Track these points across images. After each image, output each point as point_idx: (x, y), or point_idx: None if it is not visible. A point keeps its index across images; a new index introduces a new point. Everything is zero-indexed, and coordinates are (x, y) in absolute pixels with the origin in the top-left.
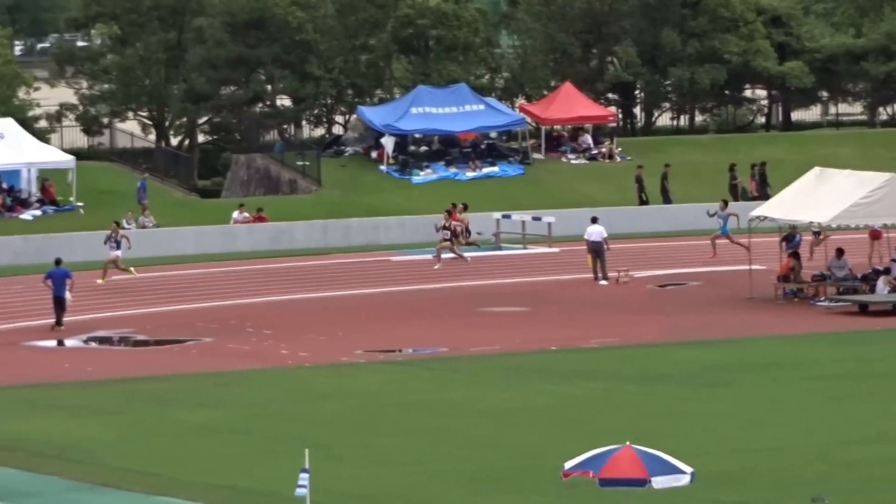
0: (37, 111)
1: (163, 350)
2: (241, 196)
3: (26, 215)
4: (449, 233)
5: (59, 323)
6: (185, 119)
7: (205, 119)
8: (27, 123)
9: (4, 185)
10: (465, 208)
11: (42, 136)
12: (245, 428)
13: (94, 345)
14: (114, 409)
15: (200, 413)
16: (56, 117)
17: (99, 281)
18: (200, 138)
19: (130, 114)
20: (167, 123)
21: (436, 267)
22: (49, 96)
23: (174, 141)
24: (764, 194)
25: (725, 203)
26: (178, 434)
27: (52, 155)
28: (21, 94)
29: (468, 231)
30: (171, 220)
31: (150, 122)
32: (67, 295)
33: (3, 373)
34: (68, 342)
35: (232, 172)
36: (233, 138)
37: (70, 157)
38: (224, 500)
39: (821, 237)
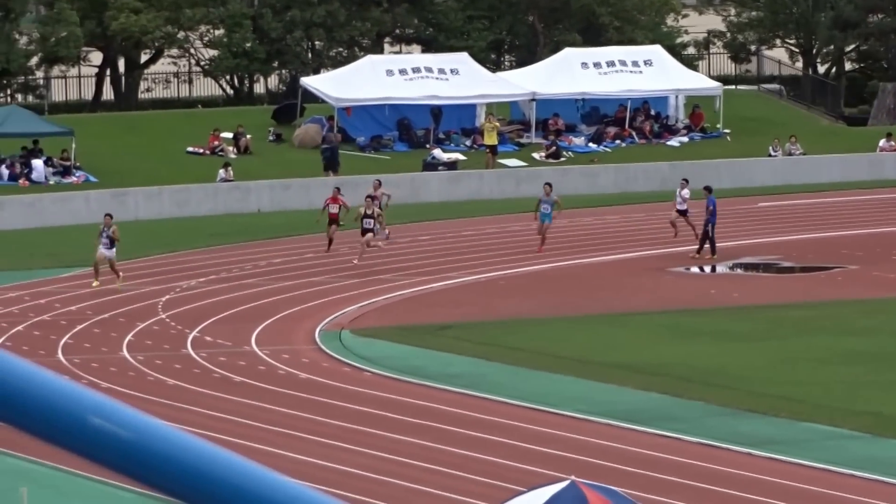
0: (685, 38)
1: (808, 277)
2: (889, 125)
3: (673, 142)
4: (373, 221)
5: (699, 250)
6: (832, 47)
7: (852, 46)
8: (675, 51)
9: (652, 112)
10: (381, 184)
11: (690, 62)
12: (890, 355)
13: (739, 271)
14: (759, 336)
15: (845, 340)
16: (704, 44)
17: (95, 284)
18: (847, 66)
19: (778, 41)
20: (814, 51)
21: (355, 261)
22: (697, 23)
23: (821, 69)
24: None
25: (550, 186)
26: (822, 360)
27: (699, 82)
28: (669, 21)
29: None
30: (817, 147)
31: (796, 50)
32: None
33: (650, 298)
34: (715, 268)
35: (879, 101)
36: (880, 66)
37: (717, 84)
38: (866, 427)
39: None
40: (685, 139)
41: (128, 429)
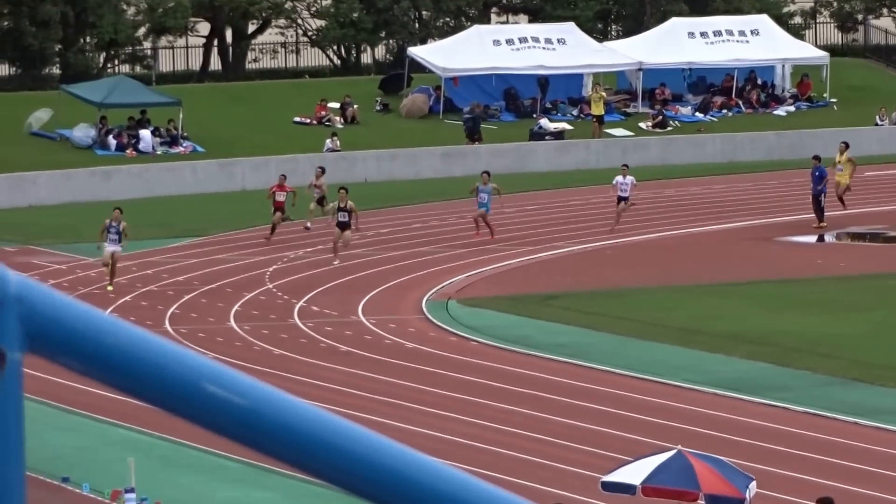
0: (791, 7)
1: None
2: None
3: (780, 111)
4: (348, 215)
5: (820, 220)
6: None
7: None
8: (782, 20)
9: (759, 81)
10: (324, 172)
11: (796, 32)
12: None
13: (847, 240)
14: (866, 305)
15: None
16: (811, 14)
17: (109, 288)
18: None
19: (885, 10)
20: None
21: (336, 262)
22: None
23: None
24: None
25: (488, 175)
26: None
27: (805, 51)
28: None
29: (325, 198)
30: None
31: None
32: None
33: (756, 267)
34: (823, 237)
35: None
36: None
37: (824, 54)
38: None
39: None
40: (792, 108)
41: (242, 396)
